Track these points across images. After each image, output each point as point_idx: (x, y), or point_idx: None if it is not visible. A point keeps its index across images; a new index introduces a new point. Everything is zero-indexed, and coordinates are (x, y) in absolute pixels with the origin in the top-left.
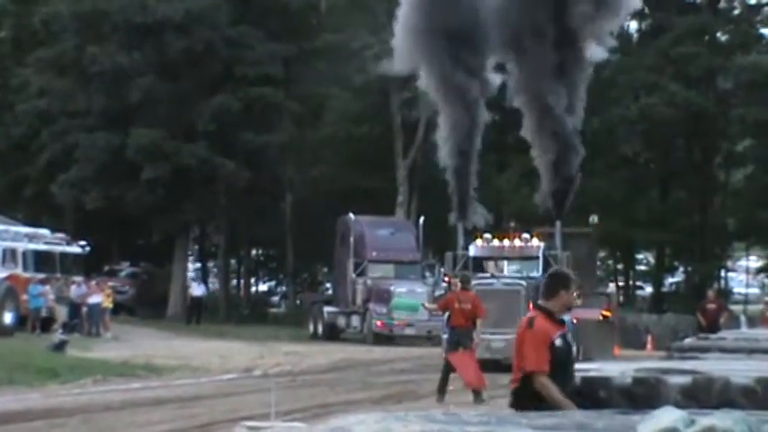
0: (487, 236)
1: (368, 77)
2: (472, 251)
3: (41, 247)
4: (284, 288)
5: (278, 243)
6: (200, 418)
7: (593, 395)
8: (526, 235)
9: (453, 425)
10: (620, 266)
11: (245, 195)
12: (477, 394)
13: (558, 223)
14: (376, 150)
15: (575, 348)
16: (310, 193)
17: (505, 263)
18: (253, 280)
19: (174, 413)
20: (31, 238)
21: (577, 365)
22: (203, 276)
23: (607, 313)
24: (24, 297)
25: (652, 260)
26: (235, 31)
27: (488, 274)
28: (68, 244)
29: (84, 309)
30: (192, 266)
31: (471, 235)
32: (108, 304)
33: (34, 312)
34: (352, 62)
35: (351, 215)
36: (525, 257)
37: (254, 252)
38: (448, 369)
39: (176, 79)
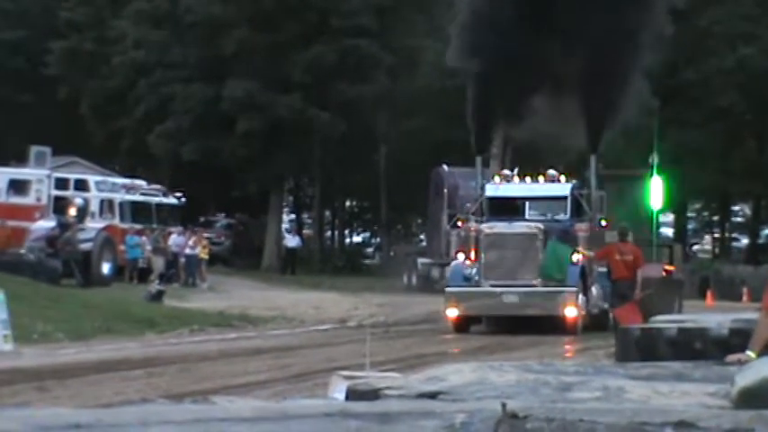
0: (507, 173)
1: None
2: (489, 191)
3: (138, 198)
4: (378, 239)
5: (372, 194)
6: (296, 367)
7: (689, 346)
8: (552, 172)
9: (549, 374)
10: (715, 218)
11: (339, 147)
12: None
13: (592, 158)
14: None
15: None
16: (404, 145)
17: (527, 204)
18: (347, 231)
19: (270, 363)
20: (128, 189)
21: (674, 317)
22: (298, 228)
23: (670, 268)
24: (122, 248)
25: (748, 212)
26: None
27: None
28: (164, 195)
29: (182, 259)
30: (287, 218)
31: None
32: (204, 255)
33: (131, 263)
34: (446, 13)
35: (444, 167)
36: (551, 198)
37: (348, 203)
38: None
39: (271, 30)
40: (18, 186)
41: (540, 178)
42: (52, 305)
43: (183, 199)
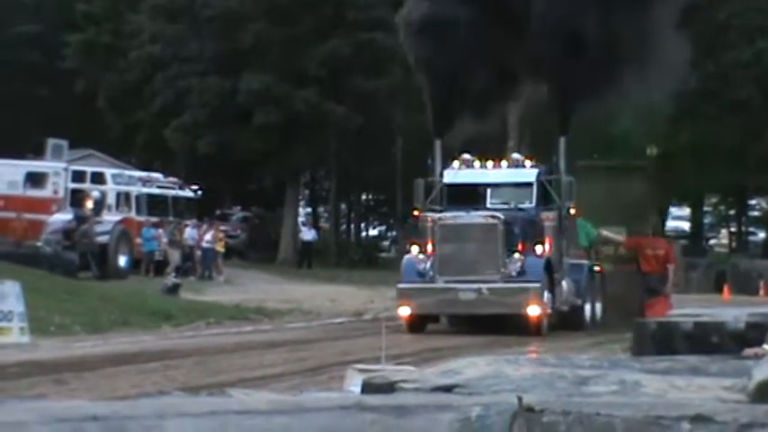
0: (467, 156)
1: None
2: (447, 177)
3: (154, 191)
4: (394, 233)
5: (388, 188)
6: (311, 360)
7: (706, 340)
8: (517, 156)
9: (565, 368)
10: (732, 212)
11: (355, 140)
12: None
13: (561, 140)
14: None
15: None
16: (421, 138)
17: (489, 191)
18: (363, 225)
19: (286, 356)
20: (144, 182)
21: (691, 310)
22: (314, 221)
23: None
24: (138, 240)
25: (765, 206)
26: None
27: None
28: (181, 188)
29: (198, 252)
30: (303, 211)
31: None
32: (220, 248)
33: (148, 255)
34: None
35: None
36: (515, 184)
37: (364, 197)
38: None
39: (287, 24)
40: (35, 179)
41: (504, 163)
42: (69, 298)
43: (200, 192)
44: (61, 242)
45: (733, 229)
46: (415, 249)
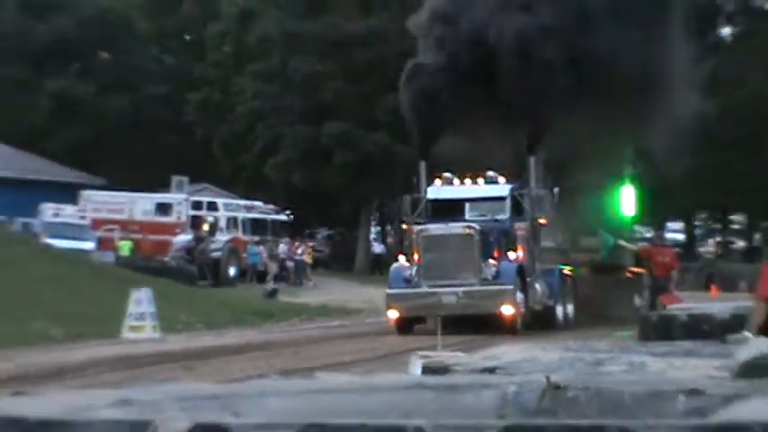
0: (447, 175)
1: None
2: (430, 193)
3: (257, 215)
4: None
5: None
6: (382, 349)
7: (698, 328)
8: (492, 173)
9: (585, 352)
10: (718, 226)
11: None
12: None
13: (531, 159)
14: None
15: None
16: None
17: (467, 205)
18: None
19: (362, 345)
20: (248, 209)
21: (685, 305)
22: (383, 237)
23: (637, 270)
24: (244, 255)
25: (744, 220)
26: (405, 45)
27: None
28: (277, 213)
29: (290, 264)
30: (374, 230)
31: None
32: (309, 260)
33: (252, 267)
34: None
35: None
36: (490, 199)
37: None
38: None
39: (360, 82)
40: (163, 208)
41: (480, 180)
42: (191, 302)
43: (292, 216)
44: (183, 258)
45: (719, 239)
46: (402, 258)
